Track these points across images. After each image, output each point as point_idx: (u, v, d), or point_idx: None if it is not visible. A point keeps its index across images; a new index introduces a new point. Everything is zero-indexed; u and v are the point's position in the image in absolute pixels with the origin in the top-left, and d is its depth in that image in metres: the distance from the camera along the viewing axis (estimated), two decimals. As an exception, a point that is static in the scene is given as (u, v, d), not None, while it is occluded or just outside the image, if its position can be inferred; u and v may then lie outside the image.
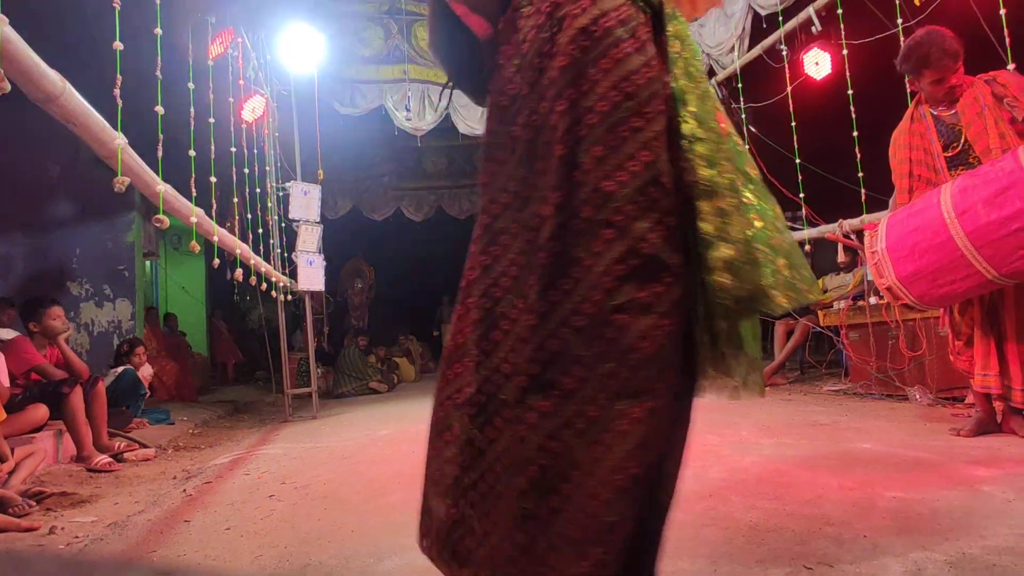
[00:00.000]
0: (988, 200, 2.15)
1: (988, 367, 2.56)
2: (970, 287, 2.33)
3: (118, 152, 2.00)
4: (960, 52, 2.52)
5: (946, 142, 2.61)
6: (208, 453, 3.75)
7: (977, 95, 2.52)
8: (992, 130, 2.46)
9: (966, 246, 2.20)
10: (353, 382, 7.37)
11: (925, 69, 2.56)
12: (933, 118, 2.65)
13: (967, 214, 2.20)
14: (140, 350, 4.72)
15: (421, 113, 6.19)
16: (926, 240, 2.32)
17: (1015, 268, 2.18)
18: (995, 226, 2.13)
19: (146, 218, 6.10)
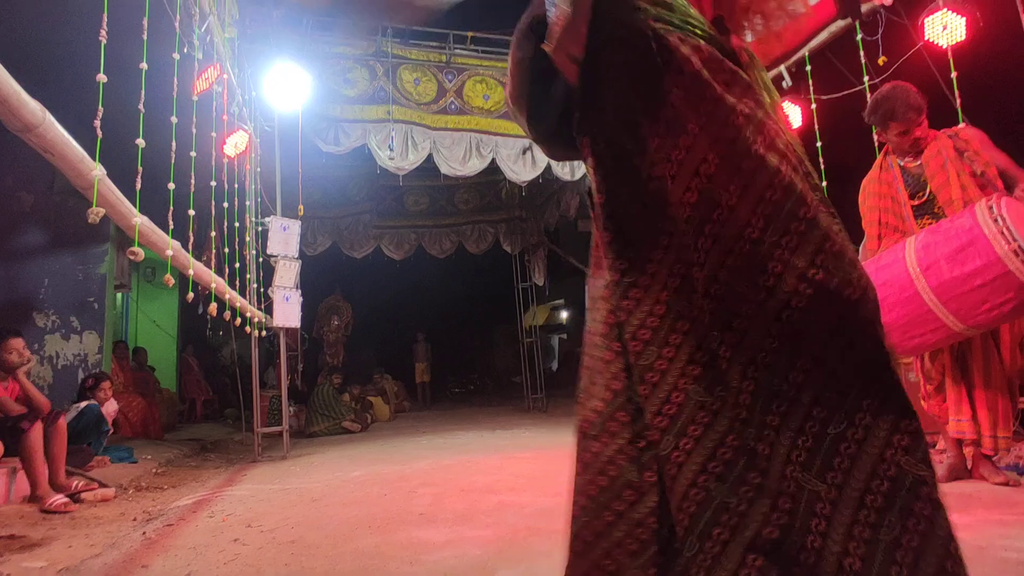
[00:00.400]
0: (950, 257, 2.23)
1: (961, 413, 2.60)
2: (940, 339, 2.39)
3: (94, 183, 1.99)
4: (924, 106, 2.65)
5: (912, 191, 2.72)
6: (171, 494, 3.61)
7: (940, 148, 2.64)
8: (954, 182, 2.57)
9: (932, 301, 2.27)
10: (326, 421, 7.21)
11: (891, 121, 2.68)
12: (900, 168, 2.76)
13: (931, 269, 2.28)
14: (106, 385, 4.58)
15: (404, 153, 6.26)
16: (894, 295, 2.39)
17: (979, 321, 2.25)
18: (958, 282, 2.21)
19: (120, 250, 6.01)
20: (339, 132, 6.16)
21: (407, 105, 6.39)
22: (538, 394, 9.73)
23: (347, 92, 6.24)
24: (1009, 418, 2.53)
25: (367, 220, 9.31)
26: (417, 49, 6.56)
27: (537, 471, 3.64)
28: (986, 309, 2.19)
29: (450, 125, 6.54)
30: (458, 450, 4.89)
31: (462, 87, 6.65)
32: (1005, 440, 2.52)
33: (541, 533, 2.19)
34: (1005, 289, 2.12)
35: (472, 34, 6.71)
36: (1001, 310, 2.18)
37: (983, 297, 2.17)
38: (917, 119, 2.65)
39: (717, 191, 0.88)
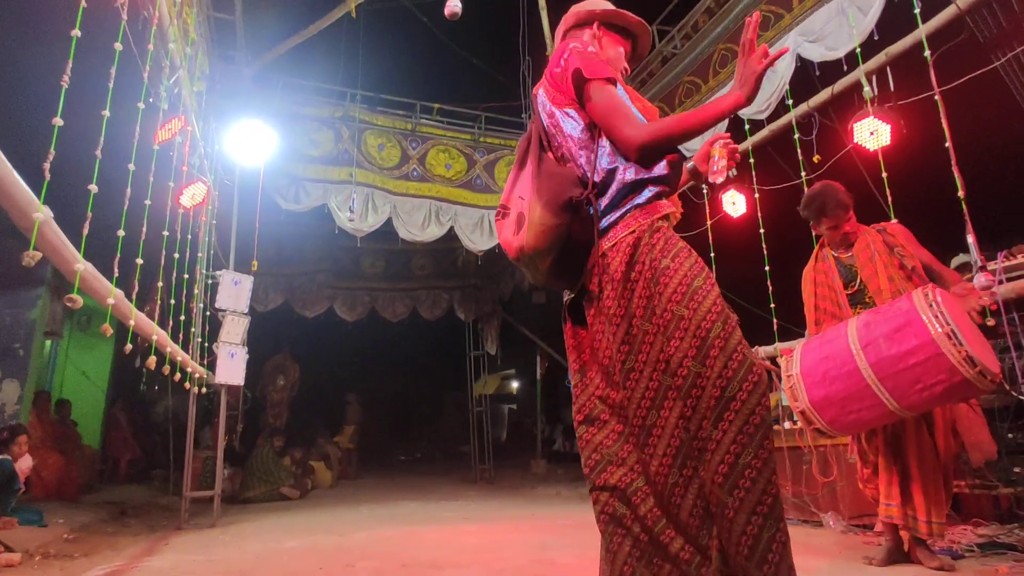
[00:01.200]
0: (888, 335, 2.36)
1: (891, 497, 2.67)
2: (875, 416, 2.49)
3: (35, 225, 1.93)
4: (850, 204, 2.88)
5: (846, 280, 2.90)
6: (82, 563, 3.31)
7: (869, 242, 2.84)
8: (882, 273, 2.76)
9: (871, 377, 2.38)
10: (263, 485, 6.83)
11: (822, 217, 2.90)
12: (835, 259, 2.96)
13: (871, 347, 2.39)
14: (22, 439, 4.25)
15: (364, 215, 6.30)
16: (835, 368, 2.49)
17: (912, 401, 2.36)
18: (895, 359, 2.32)
19: (56, 295, 5.74)
20: (300, 190, 6.18)
21: (370, 169, 6.50)
22: (486, 464, 9.50)
23: (311, 152, 6.31)
24: (941, 504, 2.61)
25: (321, 279, 9.21)
26: (383, 116, 6.75)
27: (483, 544, 3.52)
28: (919, 389, 2.29)
29: (411, 191, 6.66)
30: (401, 521, 4.69)
31: (425, 155, 6.83)
32: (939, 526, 2.59)
33: (482, 611, 2.10)
34: (937, 370, 2.24)
35: (439, 106, 6.96)
36: (932, 391, 2.29)
37: (917, 376, 2.28)
38: (845, 215, 2.87)
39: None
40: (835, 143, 4.02)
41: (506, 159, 7.12)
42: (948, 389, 2.26)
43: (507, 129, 7.28)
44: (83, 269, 2.32)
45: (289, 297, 9.01)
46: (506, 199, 1.69)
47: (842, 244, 2.94)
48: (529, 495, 7.20)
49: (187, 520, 4.80)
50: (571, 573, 2.69)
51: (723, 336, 1.39)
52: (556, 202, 1.51)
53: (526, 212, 1.56)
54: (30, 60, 3.78)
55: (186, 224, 4.05)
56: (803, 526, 3.95)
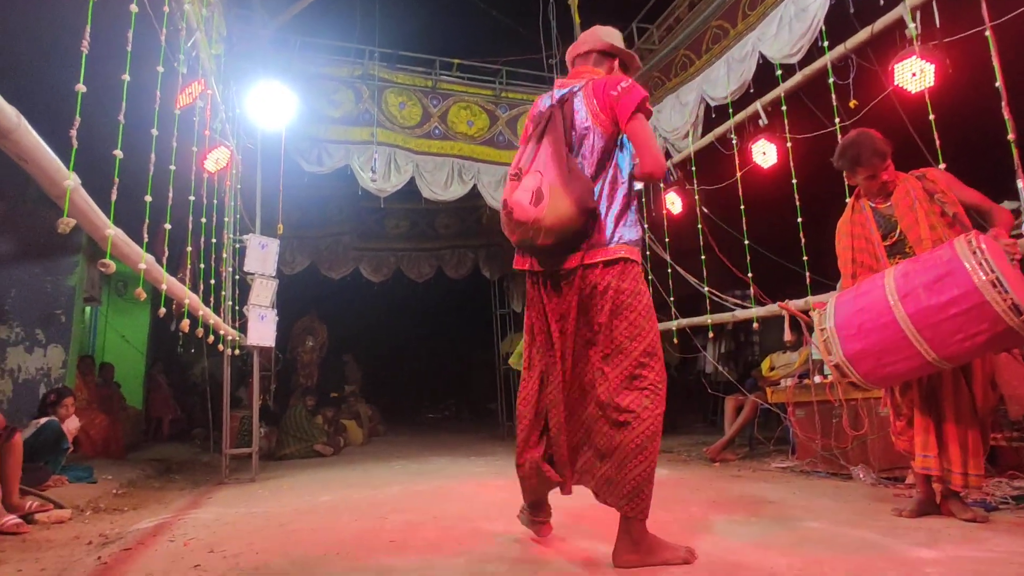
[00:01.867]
0: (928, 285, 2.28)
1: (928, 448, 2.64)
2: (911, 368, 2.43)
3: (67, 193, 1.95)
4: (888, 151, 2.75)
5: (884, 232, 2.79)
6: (131, 516, 3.48)
7: (909, 190, 2.72)
8: (923, 221, 2.65)
9: (909, 328, 2.32)
10: (297, 443, 7.05)
11: (857, 167, 2.78)
12: (872, 210, 2.84)
13: (909, 297, 2.33)
14: (68, 401, 4.43)
15: (386, 175, 6.27)
16: (871, 320, 2.43)
17: (952, 352, 2.29)
18: (935, 310, 2.26)
19: (91, 262, 5.87)
20: (322, 152, 6.16)
21: (391, 128, 6.43)
22: (513, 421, 9.65)
23: (332, 113, 6.26)
24: (980, 455, 2.57)
25: (346, 241, 9.26)
26: (403, 73, 6.63)
27: (511, 499, 3.58)
28: (960, 339, 2.23)
29: (433, 150, 6.59)
30: (431, 476, 4.81)
31: (447, 112, 6.72)
32: (976, 478, 2.56)
33: (514, 562, 2.15)
34: (980, 319, 2.18)
35: (459, 61, 6.80)
36: (974, 341, 2.22)
37: (958, 326, 2.22)
38: (882, 164, 2.74)
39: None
40: (874, 86, 3.83)
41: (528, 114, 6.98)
42: (991, 339, 2.20)
43: (529, 84, 7.11)
44: (113, 235, 2.35)
45: (315, 259, 9.10)
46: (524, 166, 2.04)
47: (880, 194, 2.82)
48: (557, 450, 7.30)
49: (228, 475, 4.99)
50: (597, 525, 2.73)
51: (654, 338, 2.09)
52: (583, 205, 1.94)
53: (547, 193, 1.94)
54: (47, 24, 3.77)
55: (211, 189, 4.07)
56: (832, 479, 3.95)
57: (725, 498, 3.36)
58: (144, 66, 2.66)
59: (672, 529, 2.59)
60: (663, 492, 3.68)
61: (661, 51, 6.20)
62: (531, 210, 1.94)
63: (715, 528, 2.61)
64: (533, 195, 1.95)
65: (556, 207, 1.92)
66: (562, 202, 1.92)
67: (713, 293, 5.38)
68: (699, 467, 4.95)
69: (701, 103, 5.45)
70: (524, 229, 1.97)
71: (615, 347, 2.02)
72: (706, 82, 5.38)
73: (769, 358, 5.66)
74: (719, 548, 2.25)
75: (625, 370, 2.02)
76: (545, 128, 2.07)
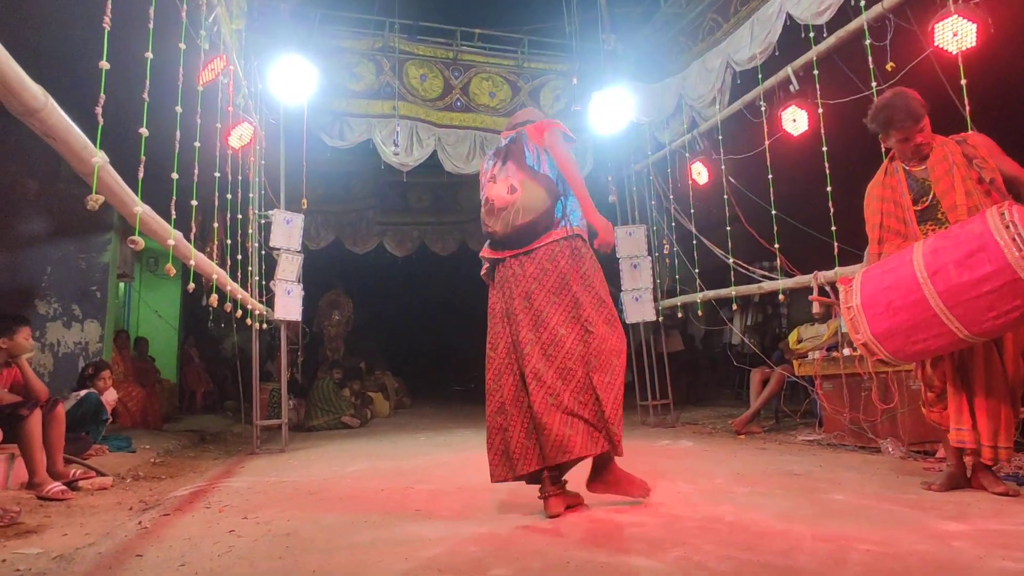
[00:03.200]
0: (959, 262, 2.21)
1: (961, 422, 2.58)
2: (943, 344, 2.37)
3: (95, 170, 1.98)
4: (923, 113, 2.62)
5: (916, 196, 2.69)
6: (168, 484, 3.61)
7: (947, 154, 2.61)
8: (959, 187, 2.55)
9: (939, 306, 2.25)
10: (325, 415, 7.21)
11: (890, 129, 2.67)
12: (905, 173, 2.74)
13: (939, 274, 2.25)
14: (106, 374, 4.58)
15: (409, 149, 6.25)
16: (900, 298, 2.37)
17: (985, 328, 2.23)
18: (966, 287, 2.18)
19: (123, 239, 6.01)
20: (344, 127, 6.16)
21: (413, 101, 6.39)
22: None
23: (353, 86, 6.23)
24: (1011, 429, 2.51)
25: (370, 216, 9.29)
26: (424, 45, 6.55)
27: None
28: (992, 316, 2.17)
29: (455, 122, 6.53)
30: (457, 448, 4.88)
31: (468, 84, 6.65)
32: (1006, 451, 2.50)
33: (537, 532, 2.18)
34: (1013, 296, 2.11)
35: (480, 31, 6.70)
36: (1008, 317, 2.16)
37: (990, 303, 2.15)
38: (916, 127, 2.62)
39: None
40: (911, 48, 3.66)
41: (551, 84, 6.86)
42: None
43: (552, 52, 6.97)
44: (142, 212, 2.40)
45: (339, 234, 9.17)
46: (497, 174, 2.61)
47: (914, 157, 2.70)
48: (580, 422, 7.35)
49: (259, 446, 5.13)
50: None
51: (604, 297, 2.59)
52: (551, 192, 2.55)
53: (519, 187, 2.51)
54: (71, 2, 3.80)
55: (236, 165, 4.11)
56: (860, 452, 3.91)
57: (750, 470, 3.36)
58: (167, 43, 2.67)
59: (695, 500, 2.60)
60: (688, 463, 3.68)
61: (687, 15, 6.01)
62: (508, 198, 2.50)
63: (739, 500, 2.61)
64: (508, 188, 2.52)
65: (529, 194, 2.50)
66: (535, 190, 2.51)
67: (739, 264, 5.29)
68: (725, 439, 4.94)
69: (727, 68, 5.28)
70: (505, 213, 2.48)
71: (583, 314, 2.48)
72: (731, 46, 5.21)
73: (797, 330, 5.58)
74: (743, 519, 2.25)
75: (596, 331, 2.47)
76: (507, 155, 2.66)
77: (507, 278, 2.57)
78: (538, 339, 2.46)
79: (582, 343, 2.44)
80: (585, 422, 2.38)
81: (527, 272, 2.52)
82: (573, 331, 2.45)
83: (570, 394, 2.40)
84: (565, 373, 2.42)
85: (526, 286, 2.51)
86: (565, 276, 2.50)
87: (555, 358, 2.44)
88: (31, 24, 4.14)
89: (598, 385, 2.39)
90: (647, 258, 6.46)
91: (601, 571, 1.72)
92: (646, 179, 6.70)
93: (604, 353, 2.43)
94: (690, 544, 1.94)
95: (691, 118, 5.90)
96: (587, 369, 2.42)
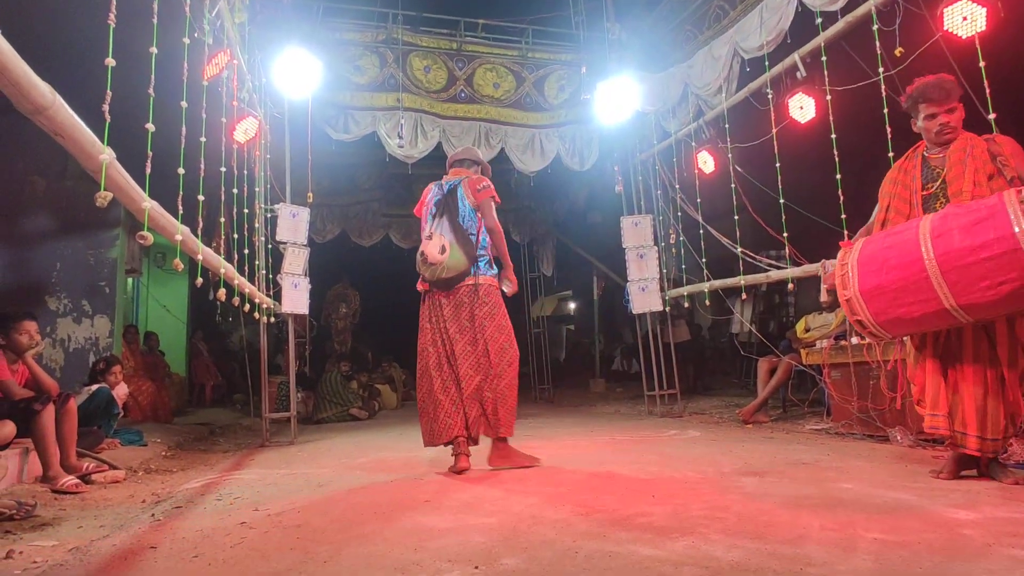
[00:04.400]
0: (965, 228, 2.20)
1: (937, 407, 2.58)
2: (925, 313, 2.35)
3: (102, 167, 1.99)
4: (953, 92, 2.64)
5: (925, 181, 2.69)
6: (180, 477, 3.65)
7: (969, 145, 2.61)
8: (969, 176, 2.54)
9: (933, 268, 2.25)
10: (333, 408, 7.26)
11: (921, 102, 2.68)
12: (923, 159, 2.75)
13: (942, 237, 2.26)
14: (117, 369, 4.63)
15: (413, 141, 6.24)
16: (896, 257, 2.38)
17: (972, 300, 2.21)
18: (965, 252, 2.18)
19: (131, 234, 6.04)
20: (348, 119, 6.15)
21: (417, 93, 6.37)
22: (545, 384, 9.75)
23: (357, 79, 6.22)
24: (999, 420, 2.48)
25: (376, 208, 9.30)
26: (427, 36, 6.52)
27: (545, 458, 3.65)
28: (984, 286, 2.16)
29: (460, 114, 6.51)
30: (464, 438, 4.90)
31: (472, 75, 6.62)
32: (993, 442, 2.49)
33: (545, 522, 2.19)
34: (1009, 267, 2.10)
35: (483, 21, 6.66)
36: (999, 290, 2.14)
37: (984, 272, 2.15)
38: (945, 105, 2.63)
39: None
40: (921, 33, 3.62)
41: (556, 74, 6.82)
42: (1016, 291, 2.11)
43: (556, 42, 6.92)
44: (149, 207, 2.41)
45: (345, 227, 9.18)
46: (433, 231, 3.42)
47: (937, 139, 2.69)
48: (588, 413, 7.38)
49: (268, 438, 5.18)
50: (631, 484, 2.76)
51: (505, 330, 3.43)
52: (470, 257, 3.37)
53: (448, 248, 3.30)
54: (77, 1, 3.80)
55: (241, 160, 4.12)
56: (868, 441, 3.90)
57: (757, 459, 3.36)
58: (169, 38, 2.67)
59: (702, 489, 2.61)
60: (695, 452, 3.68)
61: (693, 2, 5.96)
62: (439, 257, 3.27)
63: (747, 489, 2.61)
64: (439, 248, 3.28)
65: (455, 256, 3.31)
66: (458, 254, 3.33)
67: (746, 254, 5.27)
68: (732, 429, 4.94)
69: (735, 56, 5.24)
70: (434, 267, 3.29)
71: (486, 336, 3.36)
72: (739, 33, 5.16)
73: (804, 319, 5.56)
74: (750, 508, 2.25)
75: (494, 349, 3.37)
76: (444, 208, 3.46)
77: (434, 306, 3.46)
78: (462, 351, 3.37)
79: (485, 356, 3.36)
80: (484, 414, 3.37)
81: (449, 304, 3.42)
82: (478, 347, 3.36)
83: (478, 390, 3.36)
84: (476, 375, 3.37)
85: (448, 314, 3.41)
86: (473, 310, 3.39)
87: (472, 365, 3.38)
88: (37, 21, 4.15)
89: (496, 387, 3.34)
90: (653, 248, 6.44)
91: (610, 560, 1.73)
92: (652, 168, 6.67)
93: (502, 364, 3.35)
94: (698, 533, 1.95)
95: (697, 107, 5.86)
96: (488, 375, 3.34)
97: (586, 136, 6.81)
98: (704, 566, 1.64)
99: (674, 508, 2.30)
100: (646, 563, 1.70)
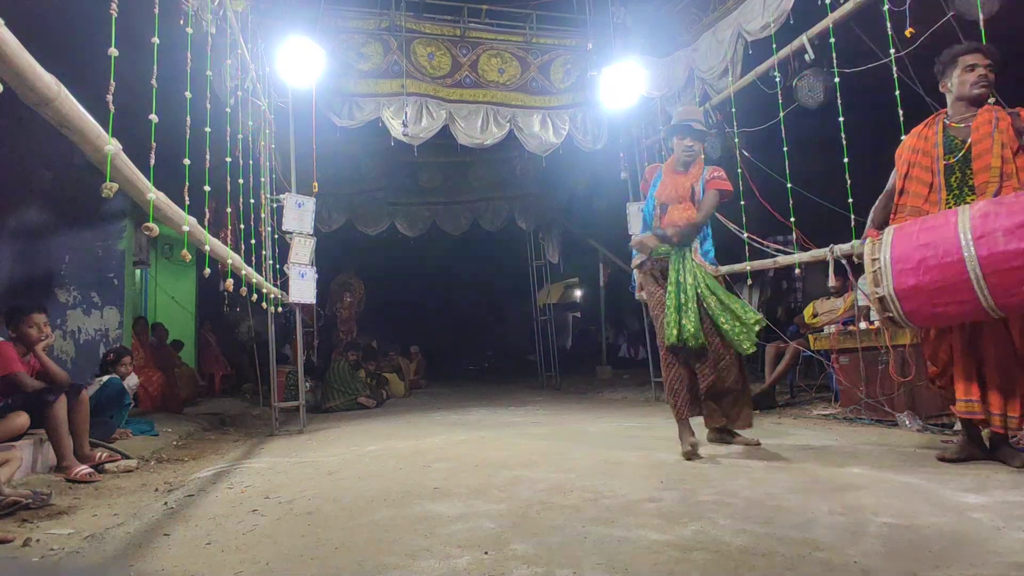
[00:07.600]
0: (1010, 230, 2.17)
1: (971, 393, 2.57)
2: (962, 312, 2.35)
3: (107, 158, 1.99)
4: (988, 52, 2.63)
5: (946, 150, 2.66)
6: (191, 466, 3.69)
7: (995, 118, 2.57)
8: (996, 150, 2.52)
9: (975, 271, 2.23)
10: (342, 397, 7.30)
11: (964, 54, 2.65)
12: (943, 127, 2.71)
13: (984, 239, 2.22)
14: (127, 359, 4.66)
15: (417, 121, 6.19)
16: (935, 257, 2.34)
17: (1012, 301, 2.20)
18: (1011, 256, 2.16)
19: (138, 226, 6.06)
20: (353, 106, 6.12)
21: (421, 79, 6.33)
22: (552, 372, 9.77)
23: (361, 66, 6.18)
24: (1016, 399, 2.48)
25: (381, 197, 9.28)
26: (431, 23, 6.47)
27: (550, 447, 3.66)
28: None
29: (466, 97, 6.47)
30: (472, 426, 4.93)
31: (477, 61, 6.57)
32: (1014, 419, 2.48)
33: (554, 508, 2.21)
34: None
35: (487, 7, 6.59)
36: None
37: None
38: (984, 58, 2.62)
39: None
40: (932, 12, 3.56)
41: (561, 59, 6.76)
42: None
43: (561, 27, 6.85)
44: (155, 198, 2.41)
45: (351, 216, 9.17)
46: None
47: (970, 94, 2.65)
48: (595, 399, 7.39)
49: (278, 427, 5.22)
50: (638, 471, 2.77)
51: None
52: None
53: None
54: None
55: (247, 150, 4.11)
56: (877, 426, 3.89)
57: (766, 444, 3.36)
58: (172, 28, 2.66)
59: (711, 475, 2.61)
60: (701, 437, 3.69)
61: (699, -15, 5.88)
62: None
63: (755, 474, 2.61)
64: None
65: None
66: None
67: (753, 239, 5.24)
68: (738, 415, 4.94)
69: (739, 39, 5.17)
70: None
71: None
72: (743, 15, 5.09)
73: (812, 304, 5.54)
74: (758, 493, 2.26)
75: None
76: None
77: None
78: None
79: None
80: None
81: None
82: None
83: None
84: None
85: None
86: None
87: None
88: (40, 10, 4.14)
89: None
90: (660, 234, 6.40)
91: (619, 545, 1.74)
92: (658, 154, 6.62)
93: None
94: (707, 518, 1.95)
95: (703, 91, 5.80)
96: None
97: (595, 117, 6.76)
98: (713, 551, 1.65)
99: (683, 493, 2.31)
100: (655, 548, 1.71)
